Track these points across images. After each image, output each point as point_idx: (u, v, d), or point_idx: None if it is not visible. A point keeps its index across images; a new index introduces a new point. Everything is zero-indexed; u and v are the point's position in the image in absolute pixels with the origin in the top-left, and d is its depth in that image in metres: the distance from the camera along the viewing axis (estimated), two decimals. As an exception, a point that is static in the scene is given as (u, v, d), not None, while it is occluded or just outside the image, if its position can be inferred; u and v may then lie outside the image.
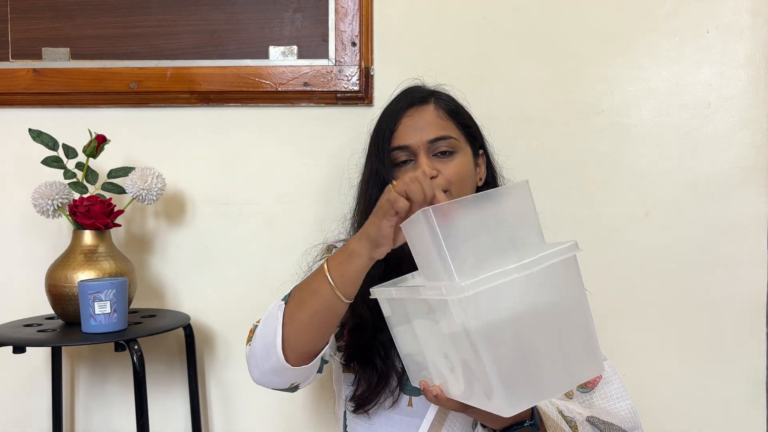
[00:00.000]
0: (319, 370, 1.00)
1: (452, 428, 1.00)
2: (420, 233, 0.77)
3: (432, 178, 1.06)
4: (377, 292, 0.91)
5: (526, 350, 0.75)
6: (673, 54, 1.42)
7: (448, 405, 0.85)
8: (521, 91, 1.44)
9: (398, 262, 1.03)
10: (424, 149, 1.08)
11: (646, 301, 1.43)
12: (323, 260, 0.94)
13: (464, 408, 0.85)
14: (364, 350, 1.06)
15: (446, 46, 1.44)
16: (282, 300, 0.97)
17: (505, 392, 0.73)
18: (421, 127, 1.09)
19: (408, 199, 0.84)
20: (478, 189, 1.17)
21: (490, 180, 1.20)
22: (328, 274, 0.90)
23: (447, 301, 0.72)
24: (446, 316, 0.75)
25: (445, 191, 1.06)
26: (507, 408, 0.74)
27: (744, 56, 1.41)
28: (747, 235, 1.42)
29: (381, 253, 0.89)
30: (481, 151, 1.19)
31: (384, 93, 1.40)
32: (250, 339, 1.00)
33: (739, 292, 1.42)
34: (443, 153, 1.09)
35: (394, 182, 0.86)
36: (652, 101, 1.43)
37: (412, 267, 0.89)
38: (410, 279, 0.93)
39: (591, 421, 0.99)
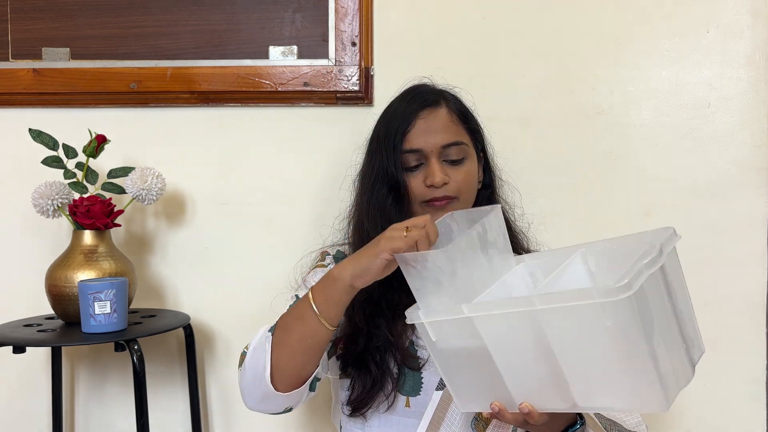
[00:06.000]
0: (312, 389, 1.01)
1: (450, 427, 1.00)
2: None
3: (444, 185, 1.07)
4: (436, 313, 0.87)
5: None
6: (673, 54, 1.42)
7: (509, 419, 0.86)
8: (521, 91, 1.44)
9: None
10: (436, 154, 1.09)
11: (646, 301, 1.43)
12: (308, 290, 0.95)
13: (525, 424, 0.86)
14: (358, 356, 1.06)
15: (446, 46, 1.44)
16: (269, 330, 0.98)
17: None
18: (434, 131, 1.09)
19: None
20: (477, 192, 1.17)
21: (488, 182, 1.20)
22: (312, 300, 0.93)
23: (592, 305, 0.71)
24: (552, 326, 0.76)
25: (454, 197, 1.08)
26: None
27: (744, 56, 1.41)
28: (747, 235, 1.42)
29: (363, 283, 0.90)
30: (481, 154, 1.18)
31: (384, 93, 1.40)
32: (241, 364, 1.01)
33: (739, 292, 1.42)
34: (454, 160, 1.09)
35: (408, 227, 0.87)
36: (652, 101, 1.43)
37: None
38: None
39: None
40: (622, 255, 0.81)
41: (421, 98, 1.12)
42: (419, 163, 1.09)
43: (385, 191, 1.10)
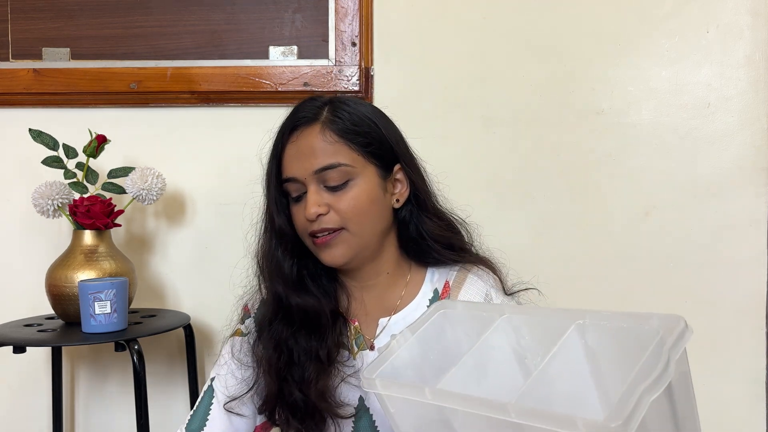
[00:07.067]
0: None
1: None
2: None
3: (320, 216, 0.93)
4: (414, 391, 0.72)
5: None
6: (673, 54, 1.42)
7: None
8: (521, 91, 1.44)
9: (315, 317, 0.97)
10: (313, 180, 0.93)
11: (646, 302, 1.43)
12: None
13: None
14: (281, 410, 0.98)
15: (446, 46, 1.44)
16: None
17: None
18: (305, 156, 0.93)
19: None
20: (396, 211, 0.99)
21: (412, 198, 1.00)
22: None
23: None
24: None
25: (338, 229, 0.93)
26: None
27: (744, 56, 1.41)
28: (747, 235, 1.42)
29: None
30: (397, 166, 0.98)
31: (384, 93, 1.40)
32: None
33: (739, 292, 1.42)
34: (334, 186, 0.93)
35: None
36: (652, 101, 1.43)
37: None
38: (397, 345, 0.80)
39: None
40: (626, 337, 0.70)
41: (293, 117, 0.97)
42: (302, 192, 0.95)
43: (268, 238, 1.00)
